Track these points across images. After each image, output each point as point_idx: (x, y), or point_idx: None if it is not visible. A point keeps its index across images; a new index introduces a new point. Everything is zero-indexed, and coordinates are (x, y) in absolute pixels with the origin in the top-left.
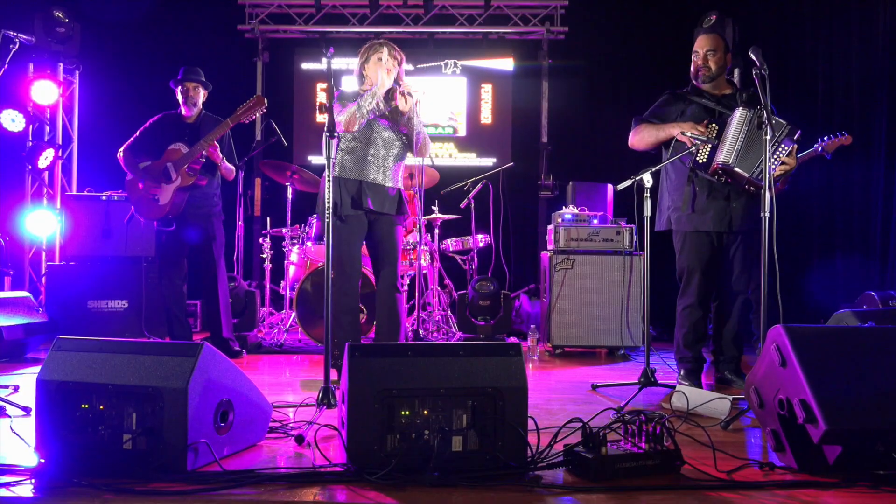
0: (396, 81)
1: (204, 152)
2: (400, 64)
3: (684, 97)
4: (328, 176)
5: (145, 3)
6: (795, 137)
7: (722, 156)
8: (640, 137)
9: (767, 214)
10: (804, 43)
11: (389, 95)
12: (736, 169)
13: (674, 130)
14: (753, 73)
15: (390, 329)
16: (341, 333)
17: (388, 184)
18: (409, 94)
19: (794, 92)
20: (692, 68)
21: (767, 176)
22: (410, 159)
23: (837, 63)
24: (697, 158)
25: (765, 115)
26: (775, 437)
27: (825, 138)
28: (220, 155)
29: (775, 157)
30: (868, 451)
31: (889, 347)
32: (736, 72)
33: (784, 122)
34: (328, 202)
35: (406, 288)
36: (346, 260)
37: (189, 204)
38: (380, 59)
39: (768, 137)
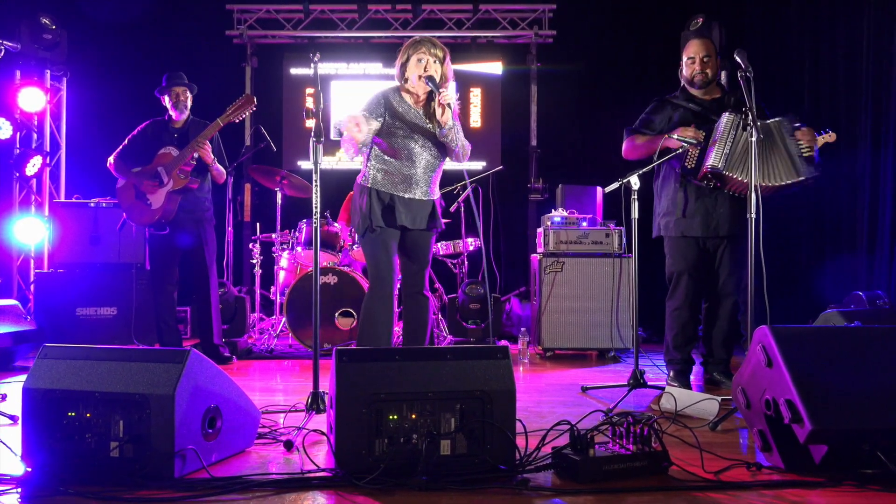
0: (437, 85)
1: (195, 153)
2: (443, 62)
3: (672, 103)
4: (315, 181)
5: (133, 8)
6: (797, 124)
7: (711, 160)
8: (634, 148)
9: (753, 216)
10: (790, 45)
11: (430, 105)
12: (726, 172)
13: (667, 142)
14: (739, 75)
15: (415, 333)
16: (380, 343)
17: (424, 197)
18: (449, 105)
19: (781, 92)
20: (687, 73)
21: (752, 178)
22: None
23: (823, 64)
24: (686, 164)
25: (750, 117)
26: (762, 438)
27: None
28: (212, 156)
29: (799, 148)
30: (854, 450)
31: (875, 347)
32: (723, 74)
33: (778, 119)
34: (315, 209)
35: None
36: (384, 267)
37: (181, 208)
38: (419, 61)
39: (753, 139)
